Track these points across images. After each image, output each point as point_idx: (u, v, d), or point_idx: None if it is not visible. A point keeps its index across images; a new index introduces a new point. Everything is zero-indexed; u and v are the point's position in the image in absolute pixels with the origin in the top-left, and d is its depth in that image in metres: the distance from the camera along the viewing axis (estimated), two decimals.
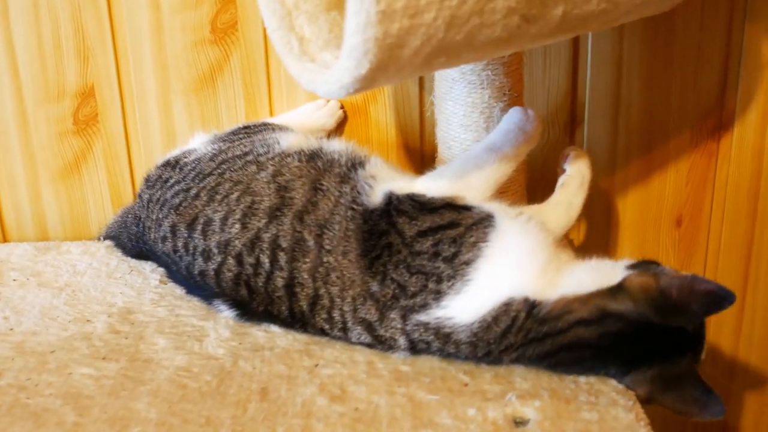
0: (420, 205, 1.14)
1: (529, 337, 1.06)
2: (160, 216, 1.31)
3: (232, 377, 1.13)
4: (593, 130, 1.56)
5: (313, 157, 1.25)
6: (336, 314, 1.15)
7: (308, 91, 1.07)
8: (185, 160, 1.35)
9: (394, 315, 1.11)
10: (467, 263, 1.08)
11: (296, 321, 1.19)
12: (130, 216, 1.44)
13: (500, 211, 1.12)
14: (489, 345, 1.08)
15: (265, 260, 1.18)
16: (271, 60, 1.50)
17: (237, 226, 1.21)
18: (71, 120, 1.56)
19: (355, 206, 1.17)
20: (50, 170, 1.59)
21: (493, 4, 0.90)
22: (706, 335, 1.10)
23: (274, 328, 1.23)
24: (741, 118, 1.55)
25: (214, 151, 1.33)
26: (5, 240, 1.65)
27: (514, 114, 1.20)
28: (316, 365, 1.14)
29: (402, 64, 0.90)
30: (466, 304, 1.08)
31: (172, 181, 1.33)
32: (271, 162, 1.26)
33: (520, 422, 1.02)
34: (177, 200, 1.29)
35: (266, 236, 1.19)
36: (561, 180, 1.24)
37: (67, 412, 1.07)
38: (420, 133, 1.55)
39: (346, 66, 0.89)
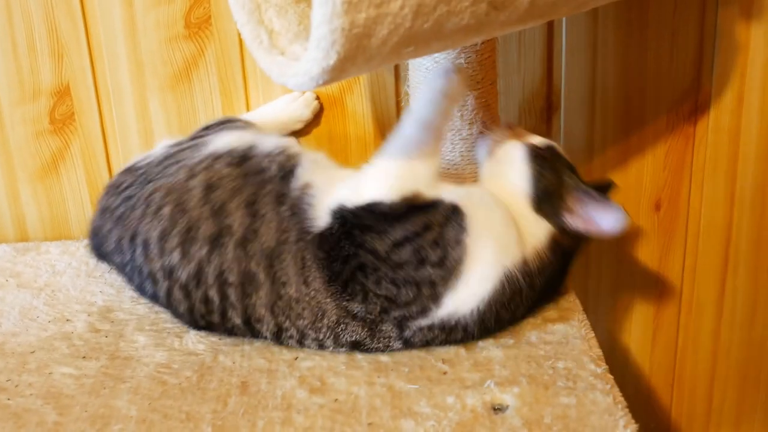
0: (383, 215, 1.09)
1: (533, 294, 1.14)
2: (109, 227, 1.26)
3: (213, 372, 1.13)
4: (570, 116, 1.56)
5: (242, 160, 1.19)
6: (310, 342, 1.13)
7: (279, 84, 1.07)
8: (140, 164, 1.30)
9: (386, 327, 1.10)
10: (458, 261, 1.08)
11: (268, 341, 1.17)
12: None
13: (460, 198, 1.11)
14: (497, 312, 1.11)
15: (215, 296, 1.14)
16: (246, 53, 1.50)
17: (176, 253, 1.15)
18: (48, 119, 1.55)
19: (304, 236, 1.11)
20: (28, 170, 1.59)
21: None
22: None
23: None
24: (717, 101, 1.55)
25: (164, 155, 1.28)
26: None
27: (436, 81, 1.15)
28: (296, 358, 1.14)
29: (370, 54, 0.90)
30: (466, 296, 1.09)
31: (123, 186, 1.28)
32: (200, 166, 1.20)
33: (498, 409, 1.02)
34: (120, 210, 1.24)
35: (210, 270, 1.13)
36: None
37: (48, 411, 1.07)
38: (397, 122, 1.54)
39: (314, 57, 0.89)
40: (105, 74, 1.52)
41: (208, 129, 1.33)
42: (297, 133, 1.53)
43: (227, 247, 1.12)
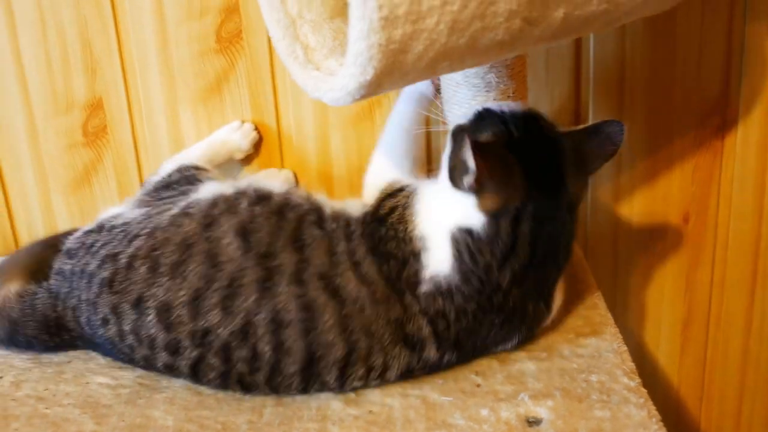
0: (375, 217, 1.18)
1: (499, 256, 1.11)
2: (91, 295, 1.16)
3: None
4: None
5: (264, 197, 1.18)
6: (376, 357, 1.09)
7: (314, 99, 1.08)
8: (113, 222, 1.22)
9: (409, 299, 1.10)
10: (413, 226, 1.14)
11: (308, 391, 1.12)
12: (37, 300, 1.22)
13: (421, 183, 1.20)
14: (474, 272, 1.11)
15: (266, 349, 1.08)
16: (277, 67, 1.51)
17: (216, 312, 1.08)
18: (80, 132, 1.57)
19: (351, 235, 1.14)
20: (61, 182, 1.61)
21: (494, 8, 0.91)
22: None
23: None
24: (744, 115, 1.56)
25: (144, 215, 1.21)
26: None
27: (413, 92, 1.32)
28: None
29: (406, 69, 0.92)
30: (438, 257, 1.12)
31: (99, 244, 1.19)
32: (215, 210, 1.16)
33: (533, 421, 1.03)
34: (106, 273, 1.15)
35: (260, 318, 1.07)
36: None
37: (86, 420, 1.09)
38: (426, 135, 1.55)
39: (352, 72, 0.90)
40: (137, 88, 1.54)
41: (172, 187, 1.29)
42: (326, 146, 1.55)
43: (279, 287, 1.08)
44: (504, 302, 1.12)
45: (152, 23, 1.49)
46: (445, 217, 1.13)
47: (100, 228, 1.23)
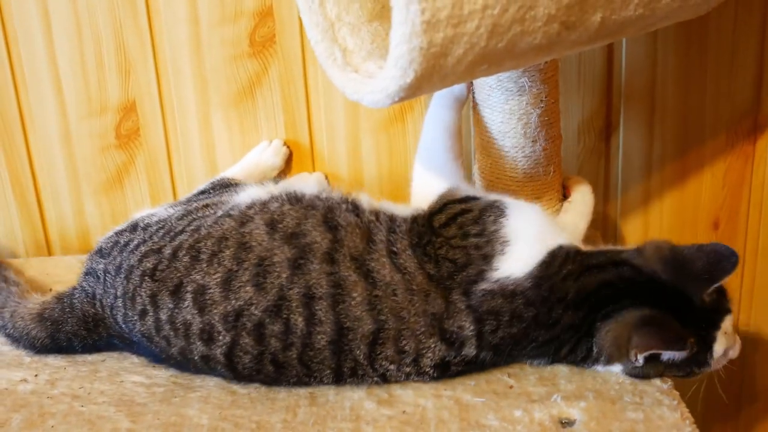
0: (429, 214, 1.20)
1: (585, 264, 1.12)
2: (130, 287, 1.19)
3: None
4: (629, 135, 1.57)
5: (297, 200, 1.20)
6: (407, 342, 1.10)
7: (349, 101, 1.09)
8: (148, 221, 1.27)
9: (457, 296, 1.10)
10: (498, 233, 1.14)
11: (343, 379, 1.13)
12: (75, 299, 1.27)
13: (503, 197, 1.20)
14: (551, 278, 1.11)
15: (299, 320, 1.09)
16: (309, 72, 1.52)
17: (248, 288, 1.11)
18: (113, 134, 1.59)
19: (394, 229, 1.16)
20: (93, 184, 1.63)
21: (533, 12, 0.92)
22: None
23: None
24: None
25: (180, 212, 1.26)
26: (50, 253, 1.68)
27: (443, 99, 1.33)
28: None
29: (445, 72, 0.93)
30: (518, 259, 1.12)
31: (135, 242, 1.23)
32: (250, 211, 1.19)
33: (566, 423, 1.04)
34: (149, 264, 1.18)
35: (294, 292, 1.10)
36: (565, 207, 1.35)
37: (121, 418, 1.10)
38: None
39: (392, 75, 0.91)
40: (170, 91, 1.56)
41: (206, 193, 1.37)
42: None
43: (312, 265, 1.11)
44: (559, 318, 1.11)
45: (186, 27, 1.51)
46: (554, 236, 1.16)
47: (134, 227, 1.27)
